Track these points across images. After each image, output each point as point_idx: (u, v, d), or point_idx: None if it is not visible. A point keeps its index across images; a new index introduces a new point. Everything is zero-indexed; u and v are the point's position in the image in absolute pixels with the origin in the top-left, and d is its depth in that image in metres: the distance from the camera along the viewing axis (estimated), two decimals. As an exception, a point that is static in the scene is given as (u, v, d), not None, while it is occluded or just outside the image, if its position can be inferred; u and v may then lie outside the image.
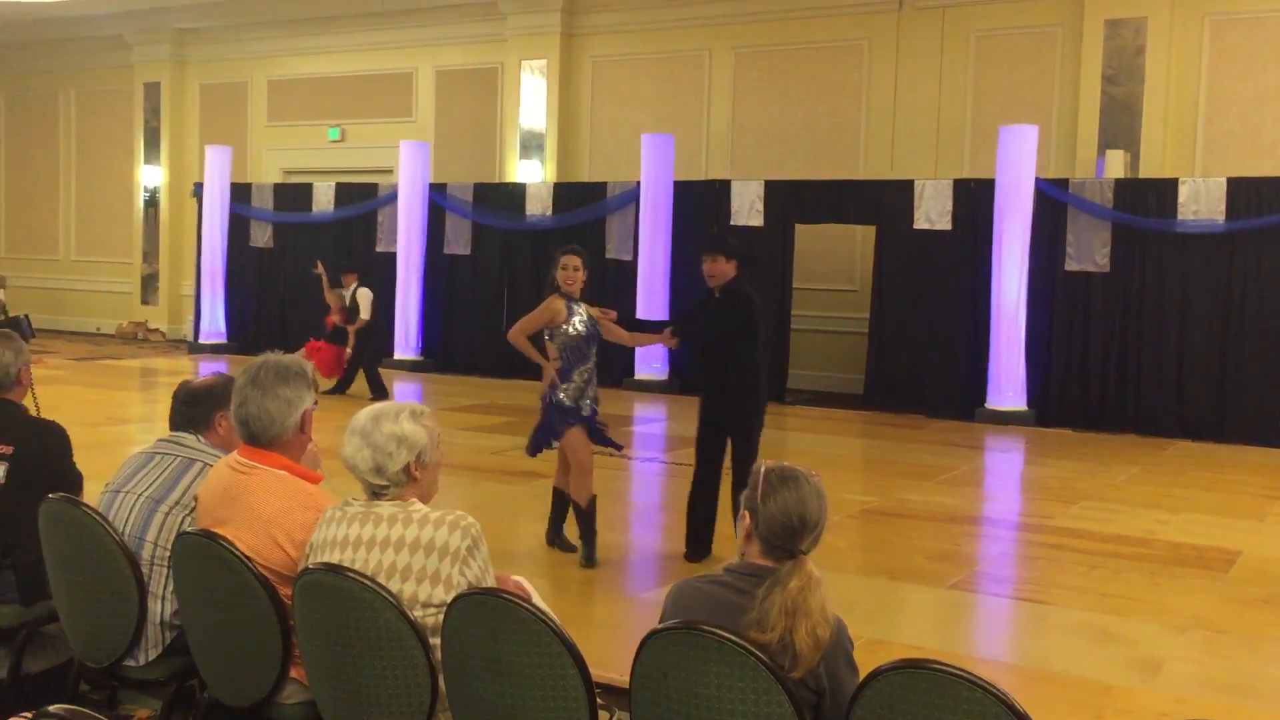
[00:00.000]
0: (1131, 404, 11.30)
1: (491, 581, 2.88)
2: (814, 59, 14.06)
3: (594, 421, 5.95)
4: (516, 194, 14.71)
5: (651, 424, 11.36)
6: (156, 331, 18.56)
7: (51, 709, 1.71)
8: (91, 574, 3.28)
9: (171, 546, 3.21)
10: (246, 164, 17.93)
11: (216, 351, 16.27)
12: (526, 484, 7.66)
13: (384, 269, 14.74)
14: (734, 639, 2.44)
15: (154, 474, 3.41)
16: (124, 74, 19.24)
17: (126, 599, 3.23)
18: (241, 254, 16.63)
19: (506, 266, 14.66)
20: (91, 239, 20.09)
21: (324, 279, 12.69)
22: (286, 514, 3.04)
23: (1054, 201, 11.52)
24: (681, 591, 2.74)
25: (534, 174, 15.51)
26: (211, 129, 18.44)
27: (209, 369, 13.50)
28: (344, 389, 11.97)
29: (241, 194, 16.65)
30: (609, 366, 6.10)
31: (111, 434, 9.26)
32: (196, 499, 3.24)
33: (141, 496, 3.36)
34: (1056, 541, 6.67)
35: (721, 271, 5.84)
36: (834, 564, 5.53)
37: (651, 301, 13.20)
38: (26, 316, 8.77)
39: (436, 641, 2.74)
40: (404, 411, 2.94)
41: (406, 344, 14.90)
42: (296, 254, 16.04)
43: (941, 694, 2.23)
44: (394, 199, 15.16)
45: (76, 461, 3.99)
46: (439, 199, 15.04)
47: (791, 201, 12.87)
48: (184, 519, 3.29)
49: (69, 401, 10.17)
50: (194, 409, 3.55)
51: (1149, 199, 11.23)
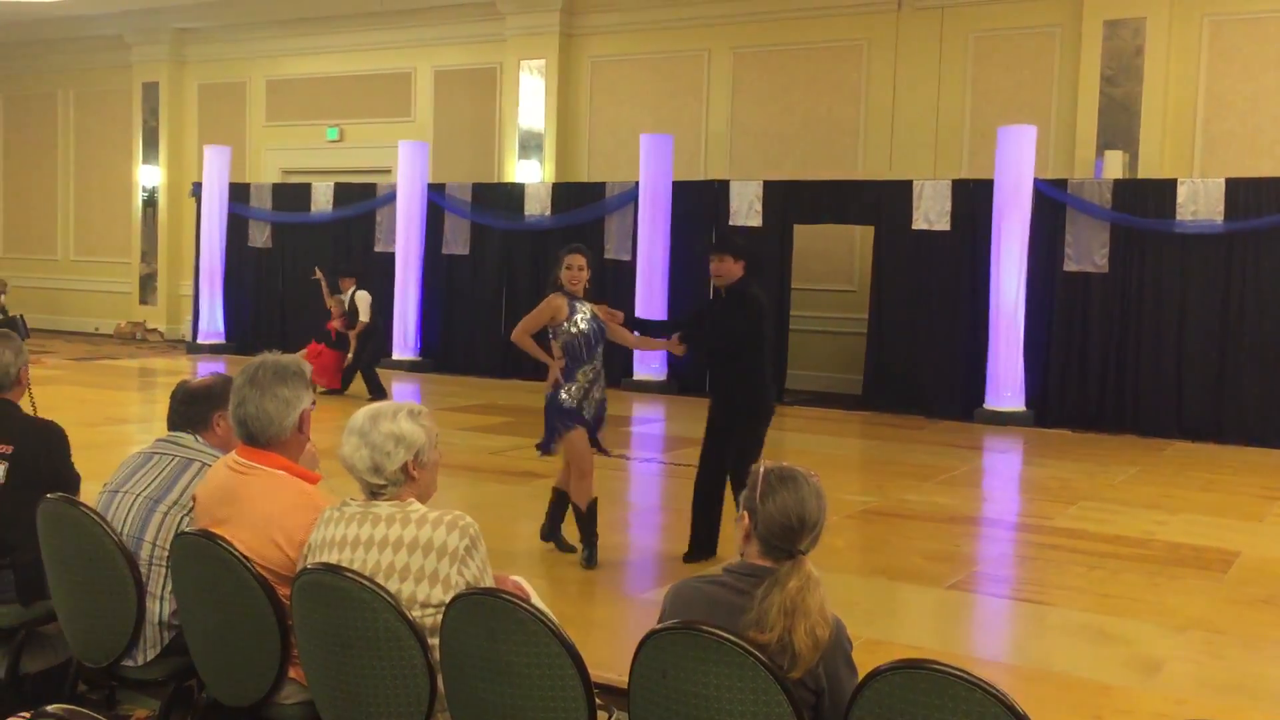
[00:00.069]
0: (1130, 404, 11.30)
1: (490, 581, 2.87)
2: (813, 59, 14.06)
3: (597, 424, 5.91)
4: (515, 194, 14.70)
5: (650, 424, 11.35)
6: (155, 331, 18.56)
7: (50, 709, 1.70)
8: (90, 574, 3.27)
9: (170, 546, 3.21)
10: (245, 164, 17.93)
11: (215, 351, 16.26)
12: (525, 484, 7.66)
13: (382, 269, 14.73)
14: (733, 639, 2.44)
15: (152, 474, 3.40)
16: (122, 74, 19.23)
17: (125, 599, 3.22)
18: (240, 254, 16.62)
19: (505, 267, 14.65)
20: (90, 239, 20.07)
21: (323, 284, 12.70)
22: (285, 514, 3.04)
23: (1053, 202, 11.52)
24: (680, 591, 2.74)
25: (533, 174, 15.50)
26: (210, 129, 18.43)
27: (207, 369, 13.49)
28: (343, 389, 11.97)
29: (240, 194, 16.65)
30: (607, 367, 6.07)
31: (110, 434, 9.26)
32: (195, 499, 3.23)
33: (140, 496, 3.36)
34: (1055, 542, 6.67)
35: (728, 271, 5.82)
36: (833, 564, 5.52)
37: (650, 302, 13.20)
38: (22, 316, 8.77)
39: (435, 642, 2.74)
40: (402, 411, 2.93)
41: (405, 344, 14.89)
42: (295, 254, 16.05)
43: (940, 694, 2.23)
44: (393, 199, 15.16)
45: (75, 461, 3.99)
46: (438, 199, 15.04)
47: (790, 202, 12.87)
48: (182, 519, 3.29)
49: (67, 401, 10.15)
50: (192, 409, 3.55)
51: (1148, 199, 11.23)
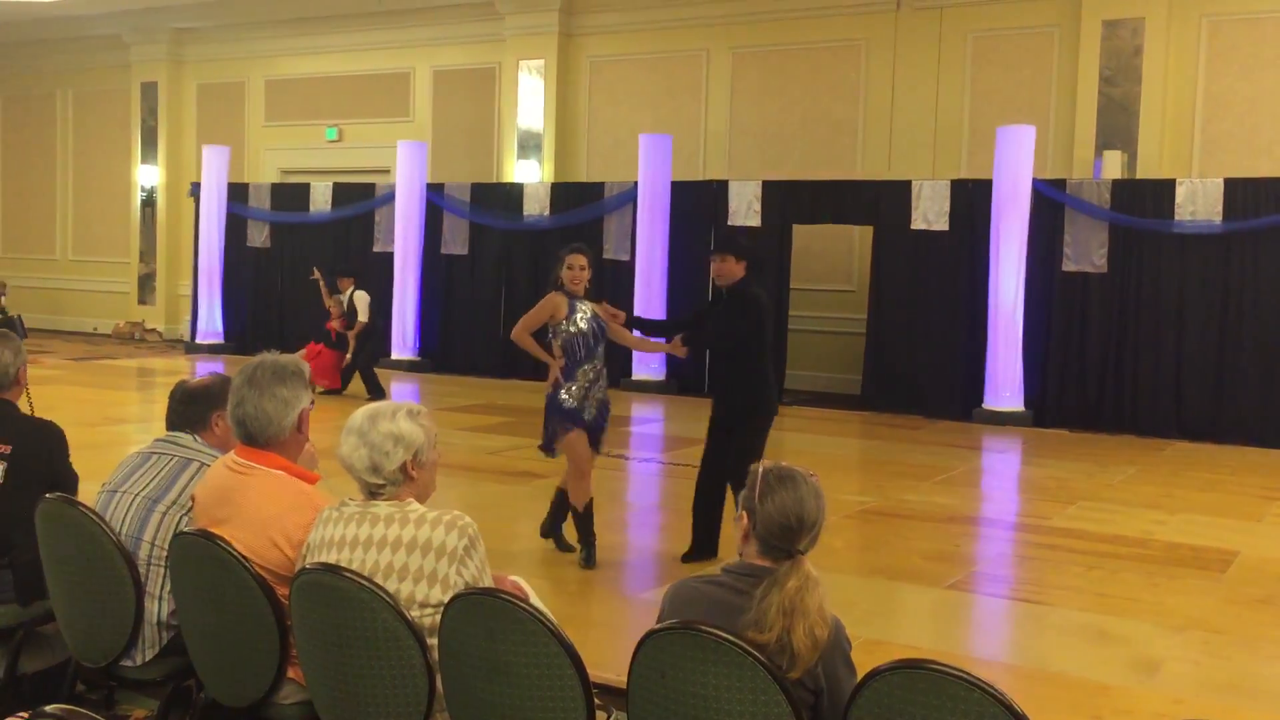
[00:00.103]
0: (1129, 404, 11.31)
1: (489, 581, 2.87)
2: (811, 59, 14.06)
3: (598, 425, 5.88)
4: (514, 194, 14.70)
5: (649, 424, 11.35)
6: (153, 331, 18.55)
7: (48, 709, 1.70)
8: (88, 574, 3.27)
9: (168, 546, 3.20)
10: (244, 164, 17.93)
11: (213, 351, 16.26)
12: (524, 484, 7.66)
13: (381, 269, 14.73)
14: (732, 639, 2.43)
15: (151, 474, 3.40)
16: (121, 74, 19.23)
17: (123, 599, 3.22)
18: (239, 254, 16.61)
19: (504, 267, 14.65)
20: (88, 239, 20.07)
21: (321, 284, 12.70)
22: (284, 514, 3.04)
23: (1051, 202, 11.52)
24: (679, 591, 2.74)
25: (532, 174, 15.50)
26: (209, 129, 18.42)
27: (206, 369, 13.47)
28: (342, 389, 11.97)
29: (239, 194, 16.64)
30: (607, 367, 6.06)
31: (108, 434, 9.25)
32: (193, 499, 3.23)
33: (138, 496, 3.36)
34: (1054, 542, 6.67)
35: (730, 271, 5.81)
36: (832, 564, 5.52)
37: (649, 301, 13.20)
38: (20, 316, 8.75)
39: (434, 641, 2.74)
40: (401, 410, 2.93)
41: (404, 344, 14.89)
42: (294, 254, 16.04)
43: (939, 694, 2.23)
44: (391, 199, 15.15)
45: (73, 461, 3.99)
46: (436, 199, 15.03)
47: (789, 202, 12.87)
48: (181, 519, 3.28)
49: (66, 401, 10.14)
50: (191, 409, 3.54)
51: (1146, 199, 11.24)
